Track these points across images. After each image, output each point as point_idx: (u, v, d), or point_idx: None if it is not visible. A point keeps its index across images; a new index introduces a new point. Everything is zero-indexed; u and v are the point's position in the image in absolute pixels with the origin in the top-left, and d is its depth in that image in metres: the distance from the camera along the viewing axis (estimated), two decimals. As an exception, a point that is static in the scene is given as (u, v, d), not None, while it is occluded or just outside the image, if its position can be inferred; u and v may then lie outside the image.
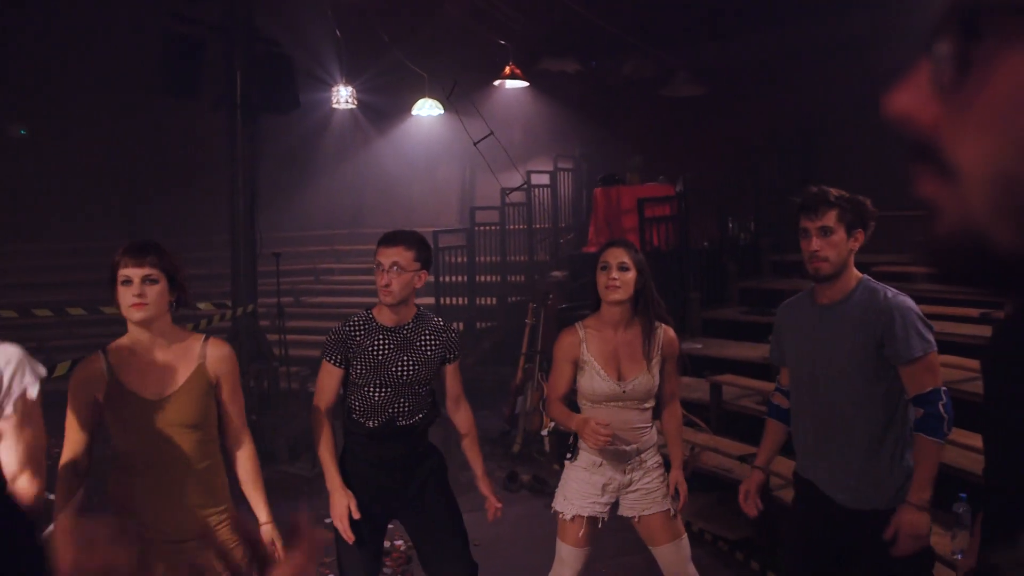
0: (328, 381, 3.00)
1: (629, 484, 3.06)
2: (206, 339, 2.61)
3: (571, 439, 3.09)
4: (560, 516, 3.11)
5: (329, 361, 2.99)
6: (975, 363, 4.10)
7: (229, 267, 7.21)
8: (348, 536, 2.91)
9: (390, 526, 3.28)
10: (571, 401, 3.13)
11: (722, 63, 9.29)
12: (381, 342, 2.96)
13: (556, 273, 9.37)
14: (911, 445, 2.57)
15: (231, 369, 2.60)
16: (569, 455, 3.11)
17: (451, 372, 3.13)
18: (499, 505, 3.20)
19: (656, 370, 3.05)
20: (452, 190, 12.40)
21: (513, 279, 9.81)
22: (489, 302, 9.52)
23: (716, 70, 9.33)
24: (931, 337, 2.55)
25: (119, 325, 2.52)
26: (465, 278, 9.38)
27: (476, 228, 9.67)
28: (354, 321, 3.00)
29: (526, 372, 7.00)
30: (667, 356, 3.08)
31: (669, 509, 3.07)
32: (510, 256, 9.93)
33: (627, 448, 3.03)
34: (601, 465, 3.04)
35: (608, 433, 2.85)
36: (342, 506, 2.92)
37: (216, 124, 7.39)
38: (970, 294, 4.83)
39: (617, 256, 3.00)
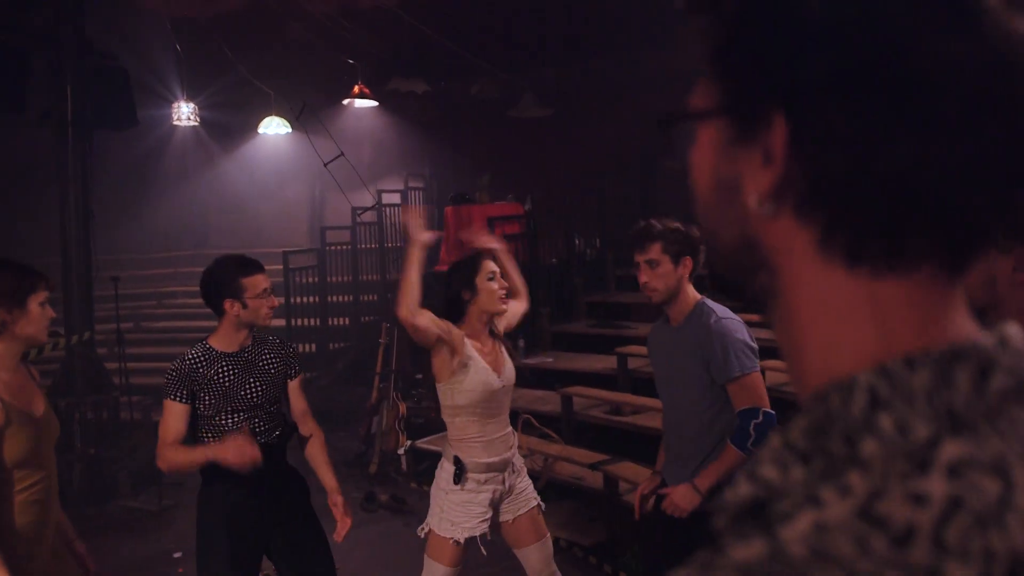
0: (175, 422, 2.86)
1: (509, 491, 3.14)
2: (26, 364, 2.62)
3: (455, 466, 3.06)
4: (451, 541, 3.03)
5: (173, 399, 2.86)
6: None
7: (61, 292, 6.79)
8: (255, 455, 2.68)
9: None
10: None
11: (567, 86, 9.67)
12: (225, 369, 2.92)
13: (409, 292, 9.38)
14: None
15: None
16: (457, 484, 3.05)
17: (294, 388, 3.12)
18: (348, 520, 3.06)
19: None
20: (301, 209, 12.19)
21: (366, 299, 9.76)
22: (342, 322, 9.43)
23: (561, 93, 9.69)
24: (752, 360, 2.74)
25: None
26: (317, 299, 9.25)
27: (327, 248, 9.56)
28: (193, 354, 2.93)
29: (381, 392, 6.98)
30: None
31: (540, 504, 3.20)
32: (362, 276, 9.88)
33: (507, 455, 3.11)
34: (486, 482, 3.07)
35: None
36: (236, 443, 2.70)
37: (42, 140, 6.97)
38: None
39: (495, 267, 3.11)
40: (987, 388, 0.44)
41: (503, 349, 3.19)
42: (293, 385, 3.11)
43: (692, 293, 2.87)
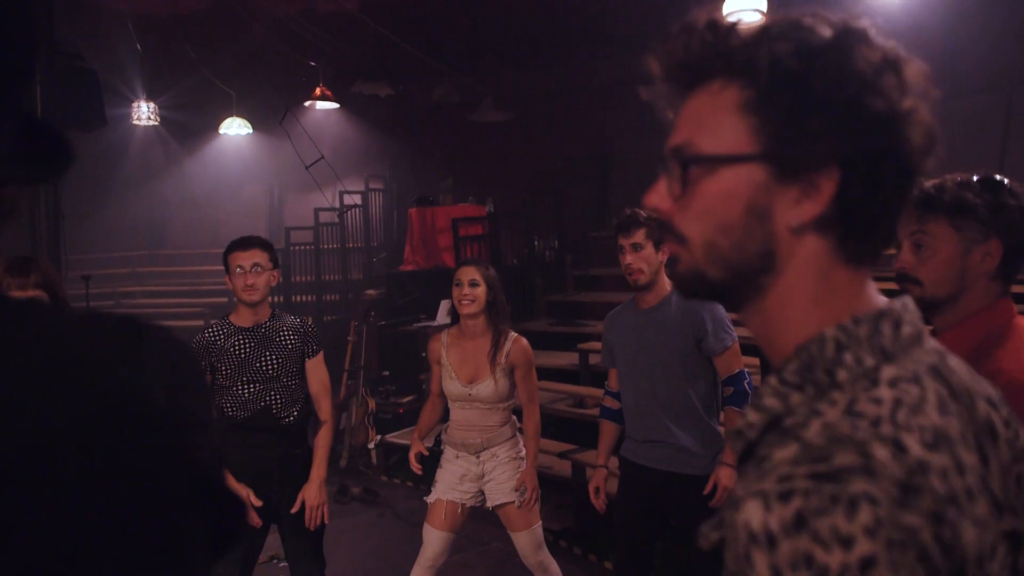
0: None
1: (483, 476, 3.41)
2: None
3: (436, 438, 3.55)
4: (425, 500, 3.54)
5: None
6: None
7: (28, 291, 6.80)
8: (255, 521, 3.04)
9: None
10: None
11: (525, 91, 9.93)
12: (242, 341, 3.14)
13: (370, 291, 9.55)
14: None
15: None
16: (441, 451, 3.58)
17: (311, 367, 3.29)
18: (314, 504, 3.20)
19: (502, 377, 3.37)
20: (260, 210, 12.23)
21: (329, 298, 9.89)
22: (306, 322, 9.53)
23: (520, 97, 9.95)
24: (733, 330, 3.06)
25: None
26: (281, 298, 9.35)
27: (291, 248, 9.67)
28: (213, 327, 3.18)
29: (349, 388, 7.14)
30: (516, 364, 3.39)
31: (516, 502, 3.40)
32: (325, 276, 10.01)
33: (474, 442, 3.39)
34: (458, 457, 3.45)
35: (415, 467, 3.51)
36: (240, 496, 2.99)
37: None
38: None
39: (468, 274, 3.35)
40: (900, 334, 0.70)
41: (501, 359, 3.37)
42: (311, 363, 3.28)
43: (667, 280, 3.11)
